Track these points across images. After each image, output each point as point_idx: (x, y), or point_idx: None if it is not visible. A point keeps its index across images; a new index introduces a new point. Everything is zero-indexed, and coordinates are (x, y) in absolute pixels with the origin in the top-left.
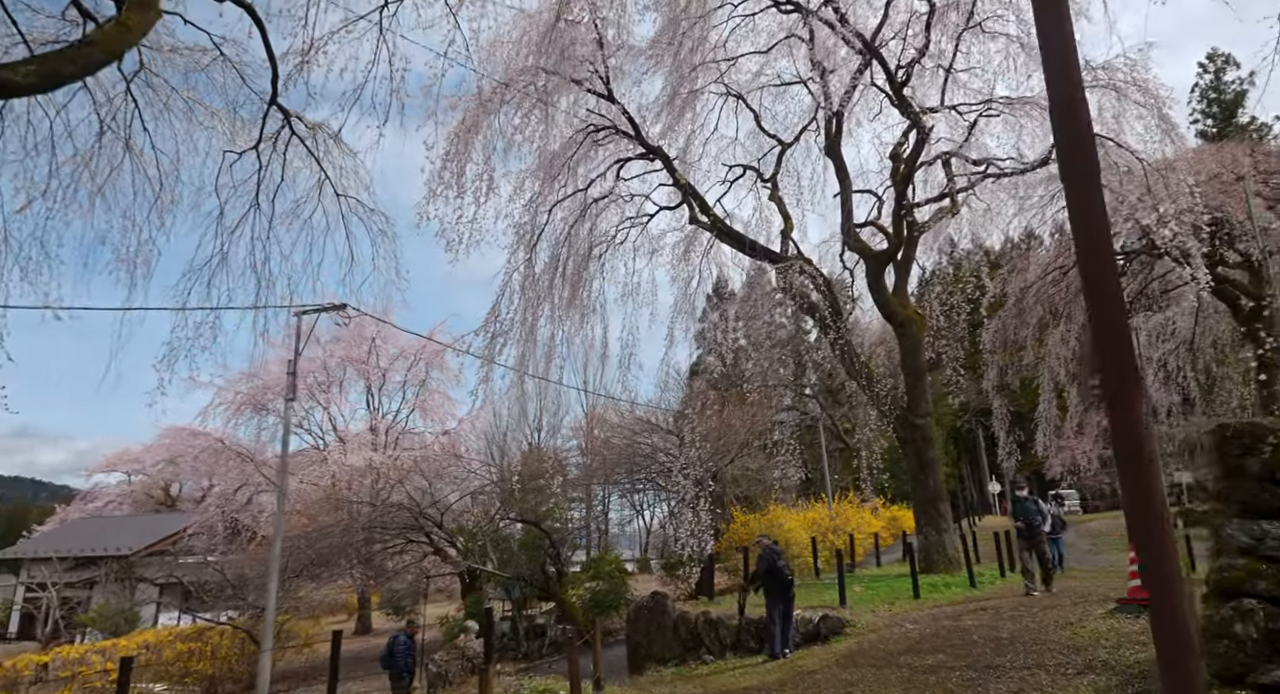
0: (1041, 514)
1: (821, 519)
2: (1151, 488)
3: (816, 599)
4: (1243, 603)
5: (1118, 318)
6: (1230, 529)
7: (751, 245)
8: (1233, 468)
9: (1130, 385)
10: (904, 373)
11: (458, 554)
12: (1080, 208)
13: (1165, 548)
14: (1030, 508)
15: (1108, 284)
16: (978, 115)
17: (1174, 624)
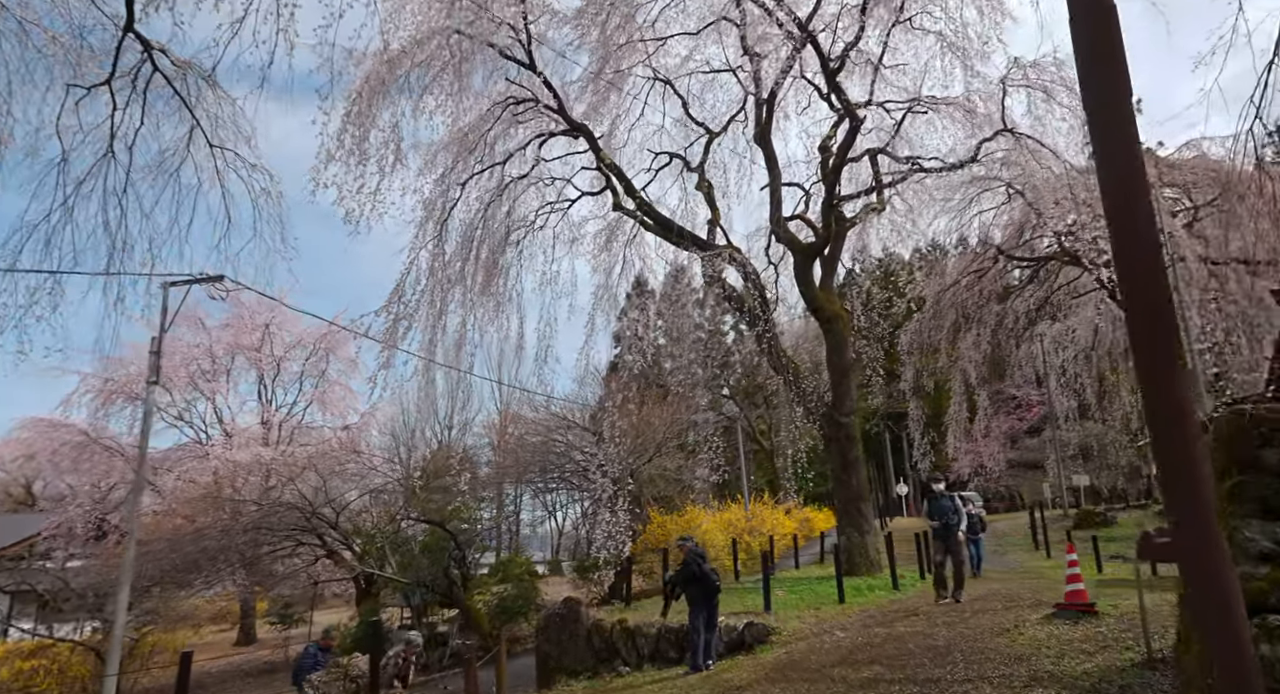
0: (958, 513)
1: (738, 520)
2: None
3: (739, 604)
4: (1268, 619)
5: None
6: (1248, 532)
7: (679, 231)
8: (1249, 461)
9: (1168, 365)
10: (829, 370)
11: (354, 557)
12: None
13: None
14: (946, 506)
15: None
16: (905, 113)
17: (1235, 658)
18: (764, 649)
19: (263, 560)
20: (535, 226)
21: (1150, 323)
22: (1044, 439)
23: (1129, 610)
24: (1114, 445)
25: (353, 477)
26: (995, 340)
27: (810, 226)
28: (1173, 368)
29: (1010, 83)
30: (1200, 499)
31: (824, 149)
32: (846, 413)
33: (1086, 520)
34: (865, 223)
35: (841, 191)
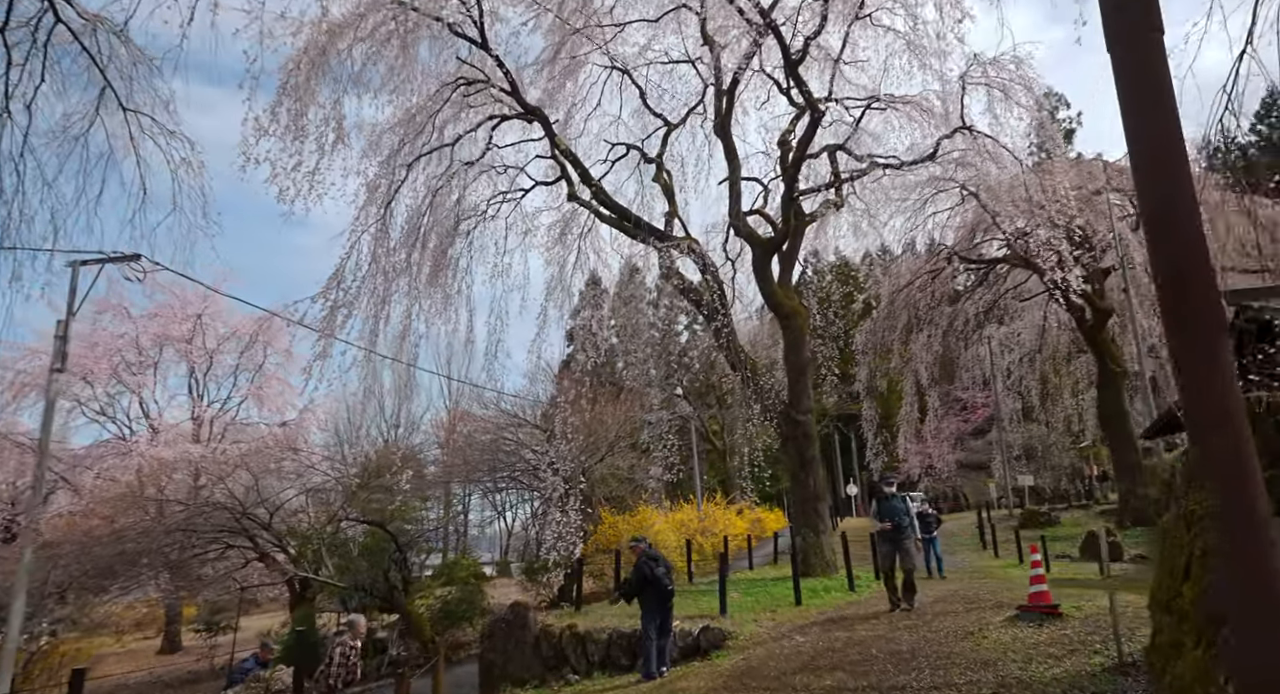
0: (910, 515)
1: (690, 521)
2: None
3: (694, 607)
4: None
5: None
6: None
7: (636, 222)
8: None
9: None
10: (786, 367)
11: (288, 560)
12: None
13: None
14: (898, 508)
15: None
16: (864, 110)
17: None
18: (720, 655)
19: (189, 564)
20: (486, 216)
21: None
22: (988, 440)
23: (1093, 612)
24: (1056, 447)
25: (289, 475)
26: (946, 342)
27: (769, 221)
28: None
29: (969, 80)
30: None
31: (783, 144)
32: (804, 411)
33: (1031, 520)
34: (824, 220)
35: (801, 187)
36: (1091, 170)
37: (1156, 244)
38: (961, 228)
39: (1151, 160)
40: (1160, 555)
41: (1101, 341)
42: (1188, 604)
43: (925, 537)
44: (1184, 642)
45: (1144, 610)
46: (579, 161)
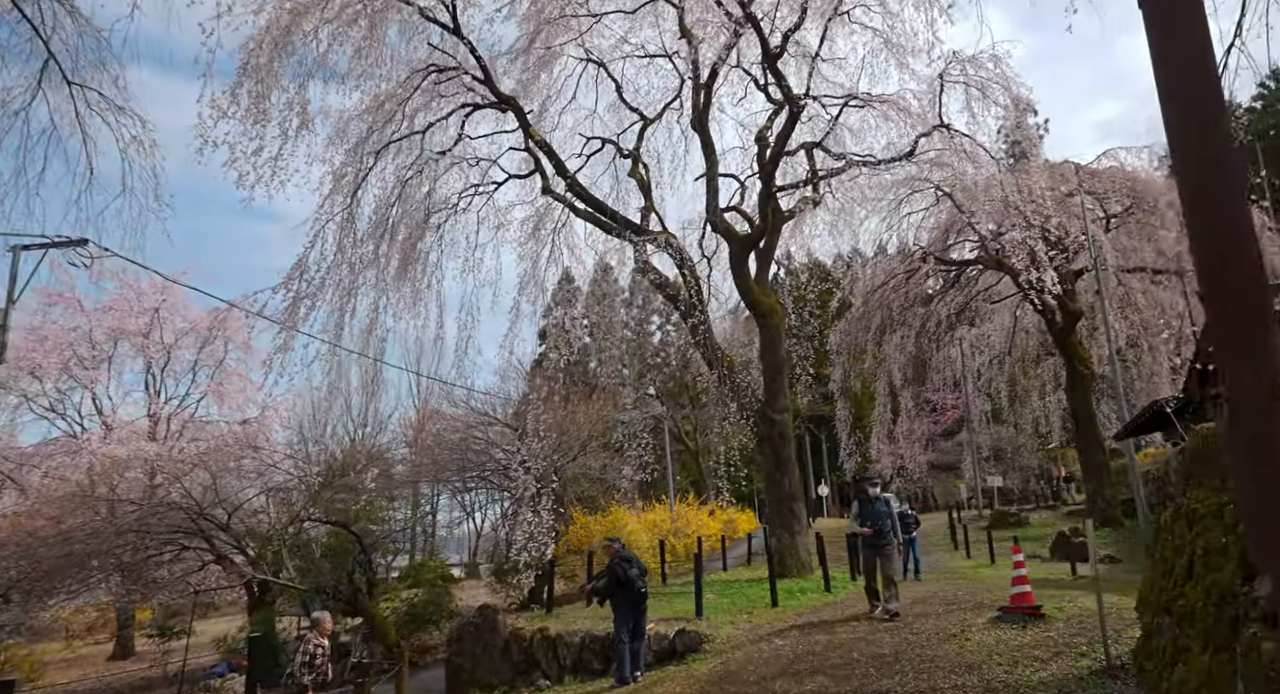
0: (893, 519)
1: (662, 521)
2: None
3: (668, 609)
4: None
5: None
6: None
7: (612, 215)
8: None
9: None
10: (763, 366)
11: (246, 562)
12: None
13: None
14: (880, 511)
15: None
16: (841, 107)
17: None
18: (697, 659)
19: (143, 566)
20: (458, 209)
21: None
22: (958, 442)
23: (1076, 613)
24: (1025, 448)
25: (249, 474)
26: (919, 343)
27: (746, 218)
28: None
29: (948, 78)
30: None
31: (760, 140)
32: (780, 410)
33: (1001, 521)
34: (800, 218)
35: (778, 183)
36: (1064, 173)
37: (1196, 213)
38: (935, 229)
39: (1190, 120)
40: (1155, 556)
41: (1071, 344)
42: (1191, 605)
43: (905, 538)
44: (1189, 646)
45: (1127, 612)
46: (554, 153)
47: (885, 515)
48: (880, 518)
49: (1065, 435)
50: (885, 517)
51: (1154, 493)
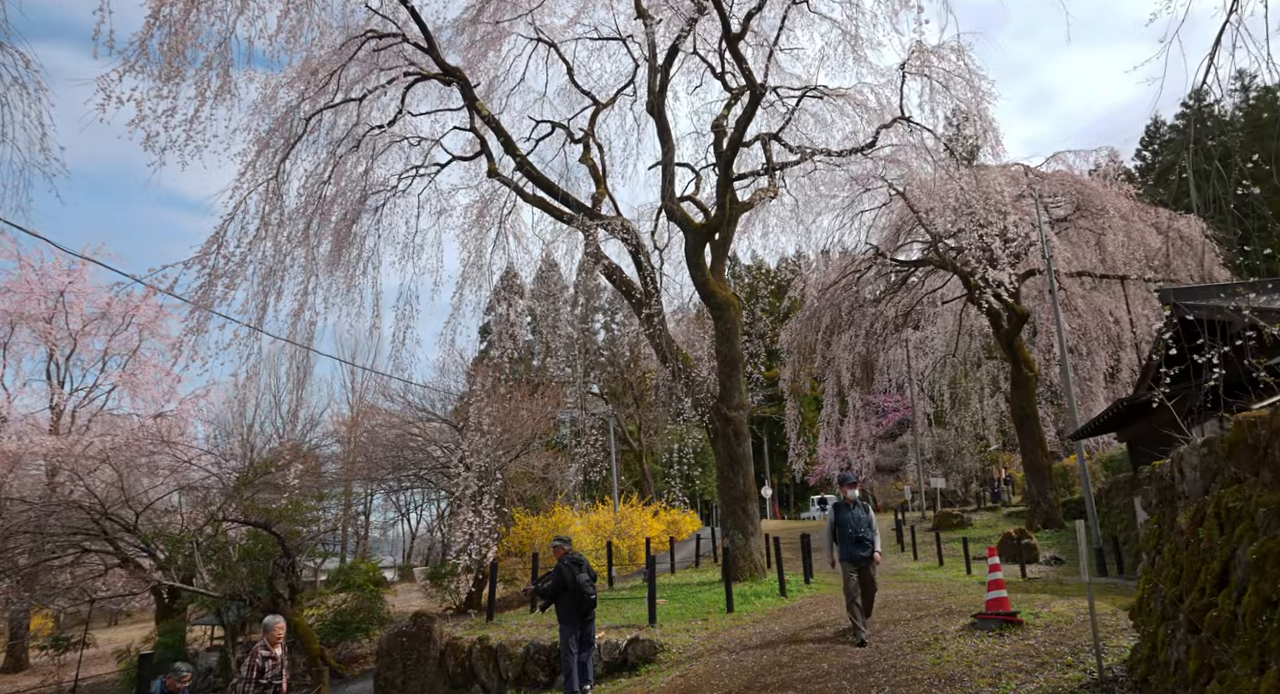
0: (874, 530)
1: (607, 522)
2: None
3: (618, 616)
4: None
5: None
6: None
7: (564, 197)
8: None
9: None
10: (718, 360)
11: (155, 566)
12: None
13: None
14: (860, 518)
15: None
16: (798, 100)
17: None
18: (651, 670)
19: (39, 570)
20: (397, 192)
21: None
22: (900, 444)
23: (1052, 620)
24: (966, 451)
25: (162, 472)
26: (867, 344)
27: (701, 208)
28: None
29: (910, 70)
30: None
31: (718, 128)
32: (736, 407)
33: (944, 522)
34: (755, 214)
35: (737, 172)
36: (1014, 175)
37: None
38: (887, 228)
39: None
40: (1158, 561)
41: (1017, 346)
42: (1225, 617)
43: None
44: (1227, 663)
45: (1105, 617)
46: (501, 129)
47: (865, 525)
48: (860, 527)
49: (1002, 438)
50: (866, 526)
51: (1154, 492)
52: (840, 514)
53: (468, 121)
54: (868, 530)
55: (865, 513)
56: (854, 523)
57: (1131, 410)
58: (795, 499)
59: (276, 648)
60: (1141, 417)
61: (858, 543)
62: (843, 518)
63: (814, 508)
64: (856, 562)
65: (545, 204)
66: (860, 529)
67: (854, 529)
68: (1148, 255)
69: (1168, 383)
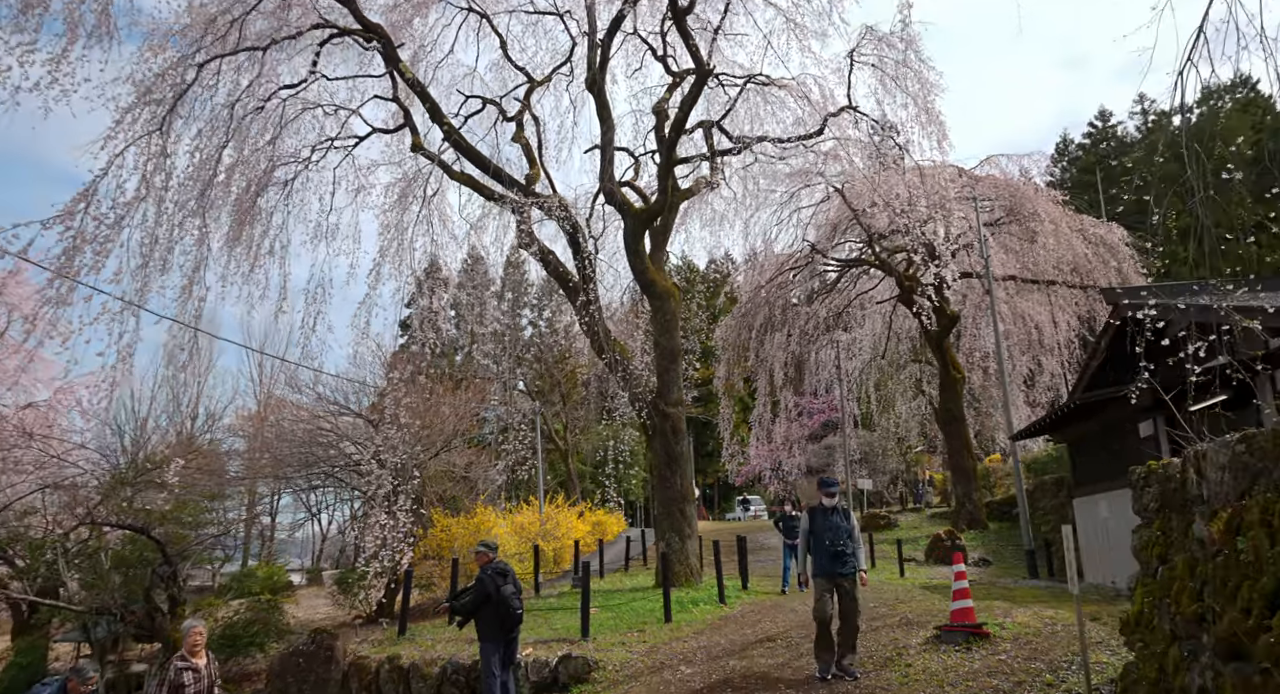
0: (856, 541)
1: (531, 524)
2: None
3: (547, 628)
4: None
5: None
6: None
7: (495, 172)
8: None
9: None
10: (656, 353)
11: (10, 574)
12: None
13: None
14: (839, 527)
15: None
16: (741, 87)
17: None
18: (586, 692)
19: None
20: (311, 164)
21: None
22: (825, 445)
23: (1019, 632)
24: (893, 453)
25: (25, 468)
26: (800, 344)
27: (640, 195)
28: None
29: (859, 57)
30: None
31: (659, 112)
32: (674, 403)
33: (872, 523)
34: (694, 203)
35: (679, 155)
36: (950, 176)
37: None
38: (825, 226)
39: None
40: (1179, 573)
41: (946, 347)
42: None
43: (790, 543)
44: None
45: (1060, 624)
46: (427, 94)
47: (847, 533)
48: (839, 537)
49: (923, 440)
50: (848, 535)
51: (1153, 495)
52: (816, 521)
53: (390, 90)
54: (848, 541)
55: (846, 520)
56: (832, 532)
57: (1073, 411)
58: (719, 500)
59: (198, 658)
60: (1083, 418)
61: (836, 557)
62: (819, 525)
63: (739, 509)
64: (833, 579)
65: (474, 182)
66: (839, 540)
67: (831, 540)
68: (1075, 261)
69: (1106, 384)
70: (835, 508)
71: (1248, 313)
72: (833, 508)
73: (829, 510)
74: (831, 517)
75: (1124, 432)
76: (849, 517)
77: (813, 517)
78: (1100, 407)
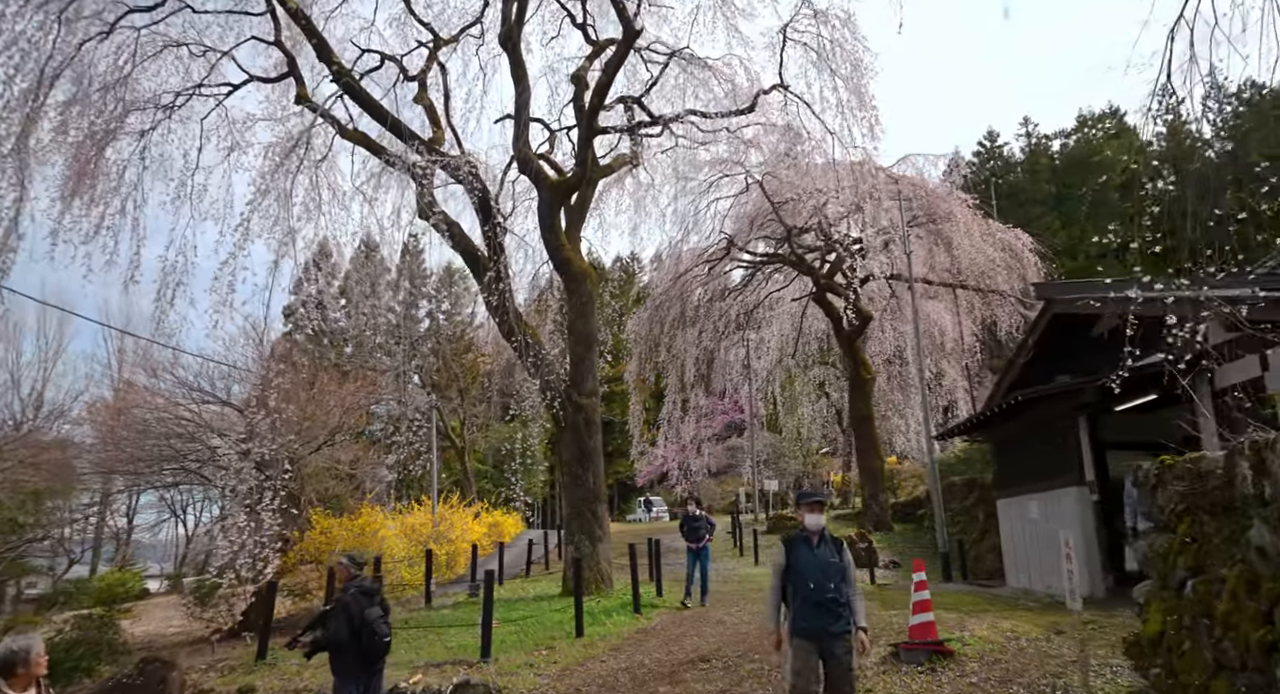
0: (848, 568)
1: (423, 525)
2: None
3: (440, 647)
4: None
5: None
6: None
7: (395, 124)
8: None
9: None
10: (570, 338)
11: None
12: None
13: None
14: (831, 564)
15: None
16: (665, 63)
17: None
18: None
19: None
20: (174, 113)
21: None
22: (728, 446)
23: (983, 648)
24: (796, 454)
25: None
26: (714, 340)
27: (556, 169)
28: None
29: (793, 33)
30: None
31: (578, 80)
32: (588, 393)
33: (780, 525)
34: (609, 188)
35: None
36: (868, 172)
37: None
38: (742, 218)
39: None
40: (1233, 586)
41: (857, 348)
42: None
43: (695, 546)
44: None
45: (1037, 641)
46: (314, 29)
47: (840, 573)
48: (830, 575)
49: (825, 442)
50: (840, 576)
51: (1172, 495)
52: (796, 555)
53: (271, 33)
54: (842, 586)
55: (837, 555)
56: (819, 571)
57: (999, 411)
58: (620, 501)
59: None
60: (1009, 417)
61: (824, 609)
62: (801, 562)
63: (641, 510)
64: (820, 640)
65: (370, 143)
66: (830, 582)
67: (818, 582)
68: (983, 265)
69: (1033, 382)
70: (822, 536)
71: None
72: (818, 535)
73: (813, 540)
74: (817, 549)
75: (1054, 431)
76: (841, 550)
77: (790, 549)
78: (1029, 405)
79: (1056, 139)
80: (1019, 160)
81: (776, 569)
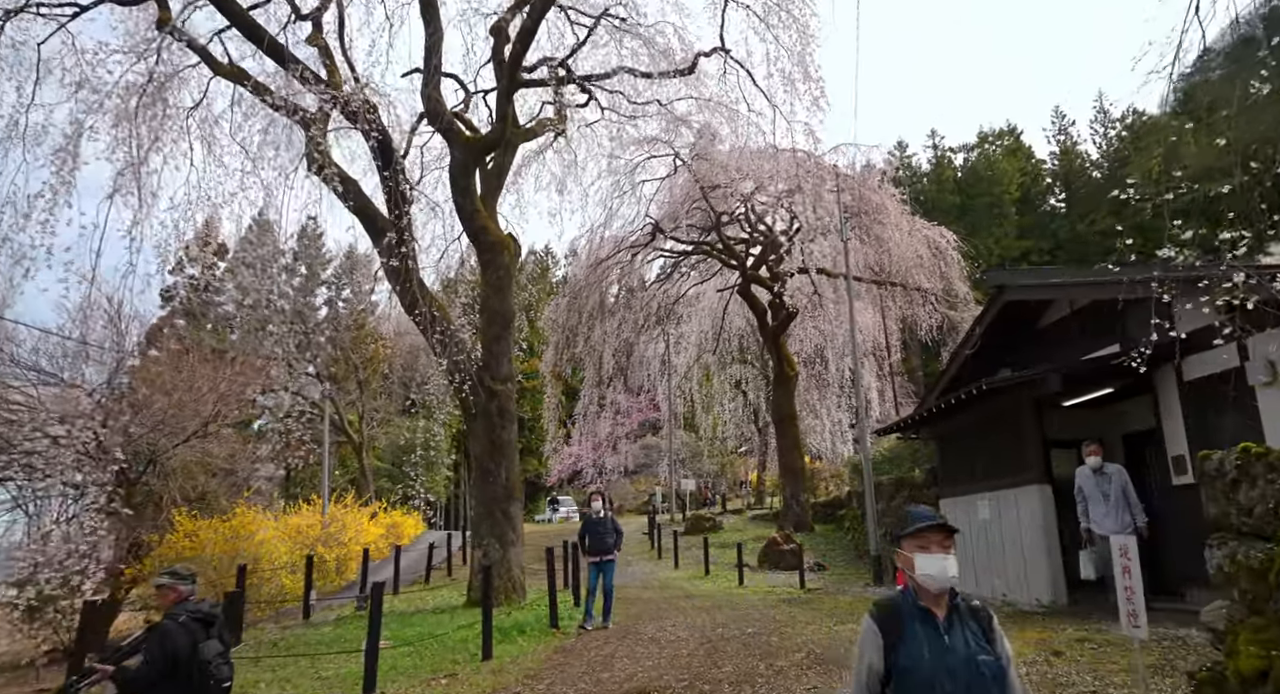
0: (982, 623)
1: (310, 527)
2: None
3: (313, 678)
4: None
5: None
6: None
7: (274, 45)
8: None
9: None
10: (484, 317)
11: None
12: None
13: None
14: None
15: None
16: (591, 28)
17: None
18: None
19: None
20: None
21: None
22: (643, 445)
23: None
24: (714, 454)
25: None
26: (634, 332)
27: (471, 129)
28: None
29: None
30: None
31: (497, 32)
32: (503, 378)
33: (697, 526)
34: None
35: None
36: (799, 160)
37: None
38: (669, 203)
39: None
40: None
41: (781, 343)
42: None
43: (602, 560)
44: None
45: (1037, 666)
46: None
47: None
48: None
49: (739, 442)
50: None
51: (1271, 493)
52: (908, 644)
53: None
54: None
55: (986, 643)
56: (951, 679)
57: (949, 406)
58: (527, 500)
59: None
60: (956, 412)
61: None
62: (916, 660)
63: (549, 510)
64: None
65: (248, 79)
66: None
67: None
68: (910, 262)
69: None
70: (955, 604)
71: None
72: (950, 604)
73: (937, 613)
74: (949, 633)
75: (1009, 426)
76: (992, 631)
77: (891, 630)
78: (980, 399)
79: (960, 152)
80: (926, 171)
81: (865, 674)
